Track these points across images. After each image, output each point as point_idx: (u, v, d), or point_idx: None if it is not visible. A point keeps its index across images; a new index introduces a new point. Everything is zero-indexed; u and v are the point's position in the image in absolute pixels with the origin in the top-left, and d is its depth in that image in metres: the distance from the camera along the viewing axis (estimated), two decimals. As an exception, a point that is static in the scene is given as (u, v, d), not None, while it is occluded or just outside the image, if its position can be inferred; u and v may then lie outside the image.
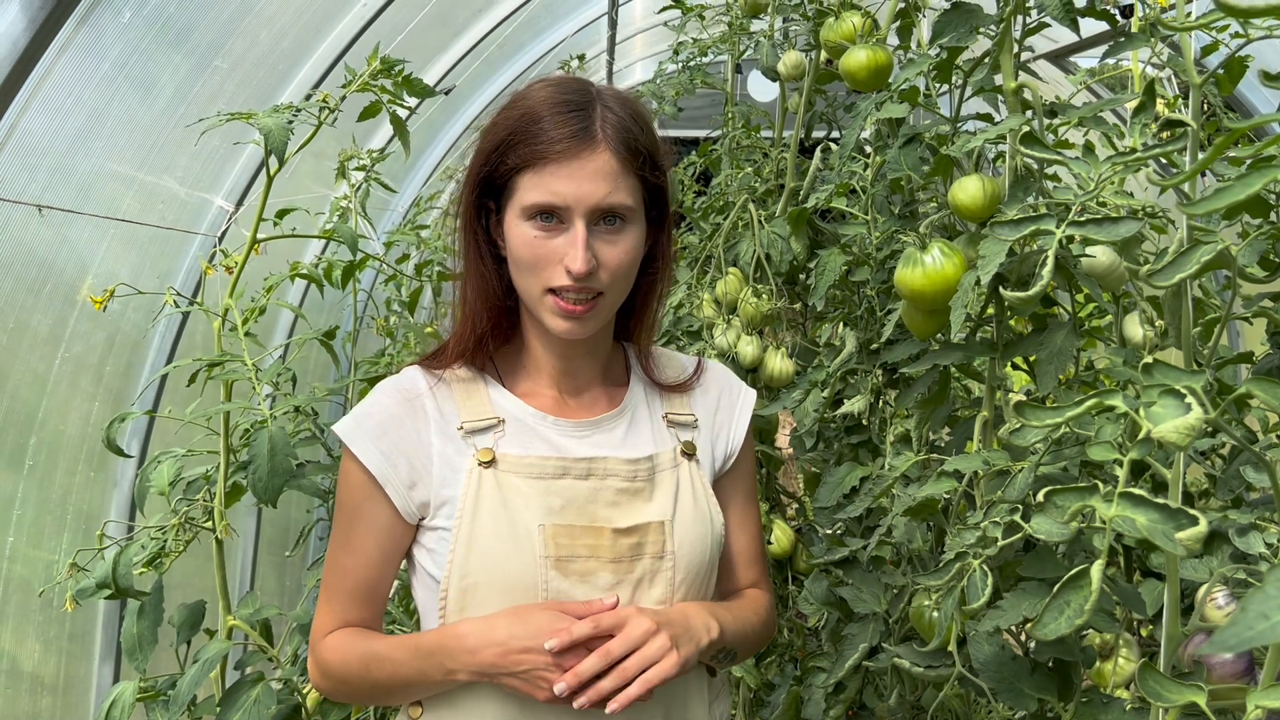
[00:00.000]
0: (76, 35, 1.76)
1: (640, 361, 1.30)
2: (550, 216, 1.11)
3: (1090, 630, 1.17)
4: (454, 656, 1.10)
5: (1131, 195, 1.17)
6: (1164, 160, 1.06)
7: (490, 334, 1.21)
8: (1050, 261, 0.86)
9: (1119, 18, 1.40)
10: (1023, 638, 1.32)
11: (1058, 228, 0.88)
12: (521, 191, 1.12)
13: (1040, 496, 0.73)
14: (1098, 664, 1.19)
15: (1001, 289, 1.06)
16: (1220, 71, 1.19)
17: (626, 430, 1.24)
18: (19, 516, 2.08)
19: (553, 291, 1.12)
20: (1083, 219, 0.87)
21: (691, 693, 1.23)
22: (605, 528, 1.15)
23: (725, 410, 1.32)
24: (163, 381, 2.48)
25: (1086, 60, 4.06)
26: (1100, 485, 0.69)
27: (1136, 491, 0.64)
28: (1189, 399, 0.62)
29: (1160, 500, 0.63)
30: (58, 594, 1.70)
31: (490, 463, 1.15)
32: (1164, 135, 0.94)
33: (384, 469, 1.16)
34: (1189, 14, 0.96)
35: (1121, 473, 0.66)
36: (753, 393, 1.36)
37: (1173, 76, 1.97)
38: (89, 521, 2.29)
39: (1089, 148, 1.28)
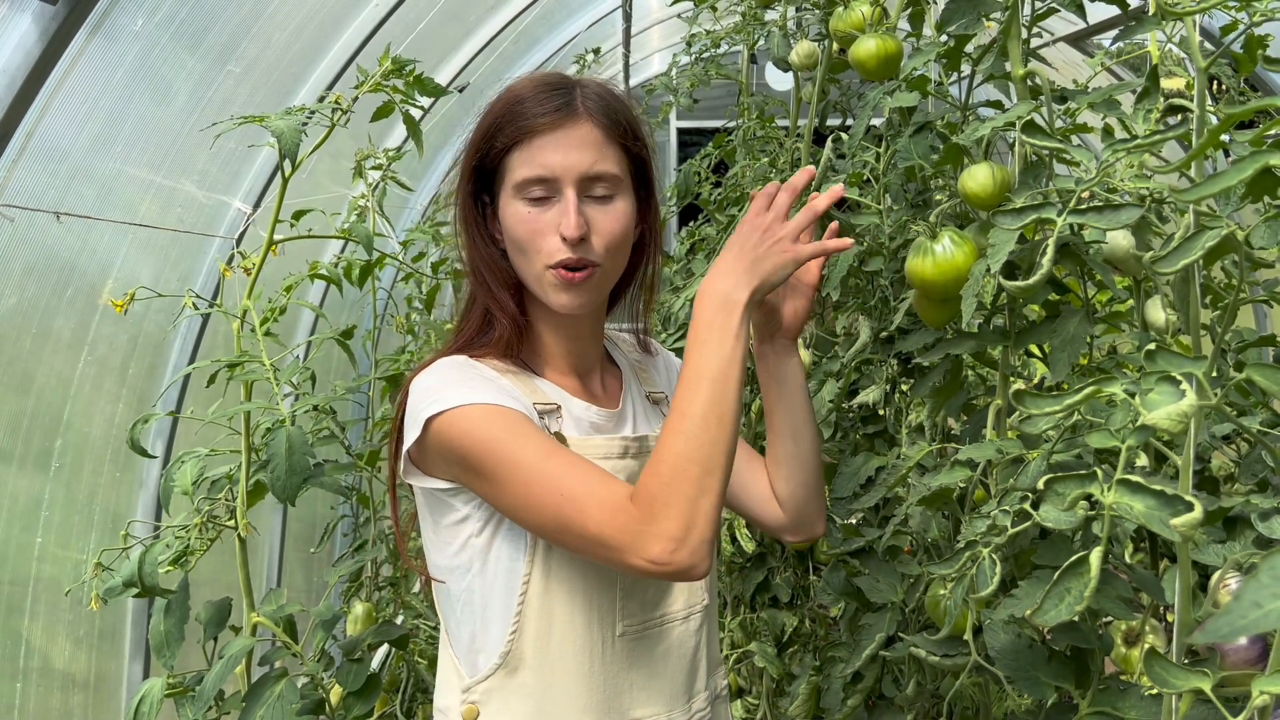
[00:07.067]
0: (89, 44, 1.78)
1: (638, 339, 1.38)
2: (541, 191, 1.15)
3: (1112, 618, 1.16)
4: (727, 300, 1.09)
5: (1151, 178, 1.16)
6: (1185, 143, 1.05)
7: (518, 315, 1.23)
8: (1050, 250, 0.86)
9: (1135, -2, 1.38)
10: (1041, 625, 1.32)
11: (1059, 215, 0.88)
12: (512, 170, 1.16)
13: (1042, 484, 0.73)
14: (1124, 651, 1.19)
15: (1003, 279, 1.06)
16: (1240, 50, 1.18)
17: (634, 410, 1.29)
18: (47, 517, 2.11)
19: (551, 267, 1.16)
20: (1084, 207, 0.87)
21: (714, 637, 1.31)
22: None
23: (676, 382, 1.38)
24: (186, 382, 2.50)
25: (1111, 40, 4.01)
26: (1099, 473, 0.69)
27: (1133, 478, 0.64)
28: (1184, 386, 0.61)
29: (1157, 486, 0.63)
30: (85, 593, 1.72)
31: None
32: (1169, 120, 0.93)
33: (510, 402, 1.12)
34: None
35: (1120, 459, 0.66)
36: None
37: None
38: (116, 521, 2.32)
39: (1108, 131, 1.27)
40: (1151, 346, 0.68)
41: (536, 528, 1.10)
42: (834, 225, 1.32)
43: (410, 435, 1.14)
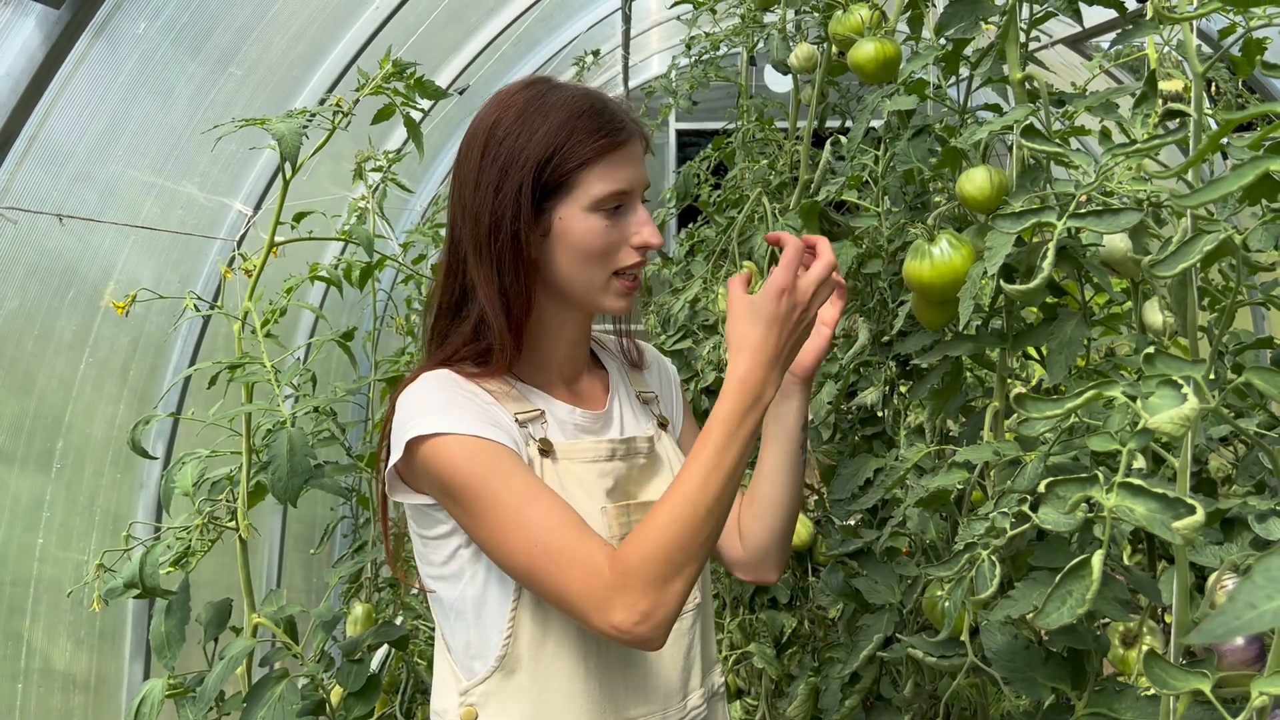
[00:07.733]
0: (93, 48, 1.79)
1: (621, 344, 1.40)
2: (616, 205, 1.18)
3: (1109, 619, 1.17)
4: (760, 399, 1.08)
5: (1149, 181, 1.17)
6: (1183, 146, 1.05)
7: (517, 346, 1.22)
8: (1050, 254, 0.86)
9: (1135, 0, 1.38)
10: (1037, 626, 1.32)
11: (1059, 219, 0.88)
12: (587, 185, 1.16)
13: (1043, 487, 0.74)
14: (1122, 652, 1.19)
15: (1003, 283, 1.06)
16: (1238, 54, 1.19)
17: (621, 411, 1.30)
18: (48, 518, 2.12)
19: (616, 274, 1.19)
20: (1084, 211, 0.87)
21: (709, 635, 1.32)
22: (649, 502, 1.21)
23: (667, 383, 1.42)
24: (186, 383, 2.51)
25: (1110, 43, 4.01)
26: (1100, 476, 0.69)
27: (1135, 481, 0.64)
28: (1185, 389, 0.62)
29: (1159, 490, 0.64)
30: (86, 594, 1.73)
31: (547, 452, 1.18)
32: (1167, 125, 0.94)
33: (494, 433, 1.12)
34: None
35: (1121, 462, 0.67)
36: (672, 364, 1.48)
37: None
38: (117, 522, 2.32)
39: (1106, 134, 1.28)
40: (1150, 350, 0.68)
41: (508, 568, 1.12)
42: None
43: (394, 454, 1.15)
